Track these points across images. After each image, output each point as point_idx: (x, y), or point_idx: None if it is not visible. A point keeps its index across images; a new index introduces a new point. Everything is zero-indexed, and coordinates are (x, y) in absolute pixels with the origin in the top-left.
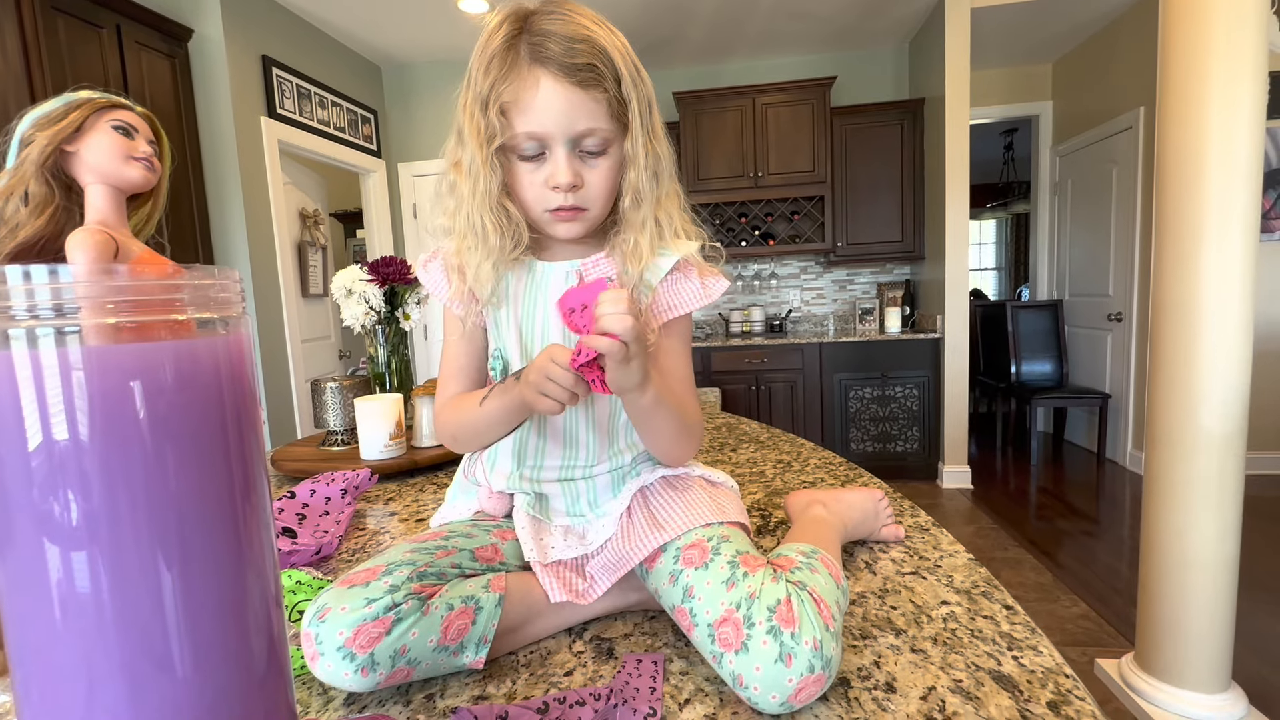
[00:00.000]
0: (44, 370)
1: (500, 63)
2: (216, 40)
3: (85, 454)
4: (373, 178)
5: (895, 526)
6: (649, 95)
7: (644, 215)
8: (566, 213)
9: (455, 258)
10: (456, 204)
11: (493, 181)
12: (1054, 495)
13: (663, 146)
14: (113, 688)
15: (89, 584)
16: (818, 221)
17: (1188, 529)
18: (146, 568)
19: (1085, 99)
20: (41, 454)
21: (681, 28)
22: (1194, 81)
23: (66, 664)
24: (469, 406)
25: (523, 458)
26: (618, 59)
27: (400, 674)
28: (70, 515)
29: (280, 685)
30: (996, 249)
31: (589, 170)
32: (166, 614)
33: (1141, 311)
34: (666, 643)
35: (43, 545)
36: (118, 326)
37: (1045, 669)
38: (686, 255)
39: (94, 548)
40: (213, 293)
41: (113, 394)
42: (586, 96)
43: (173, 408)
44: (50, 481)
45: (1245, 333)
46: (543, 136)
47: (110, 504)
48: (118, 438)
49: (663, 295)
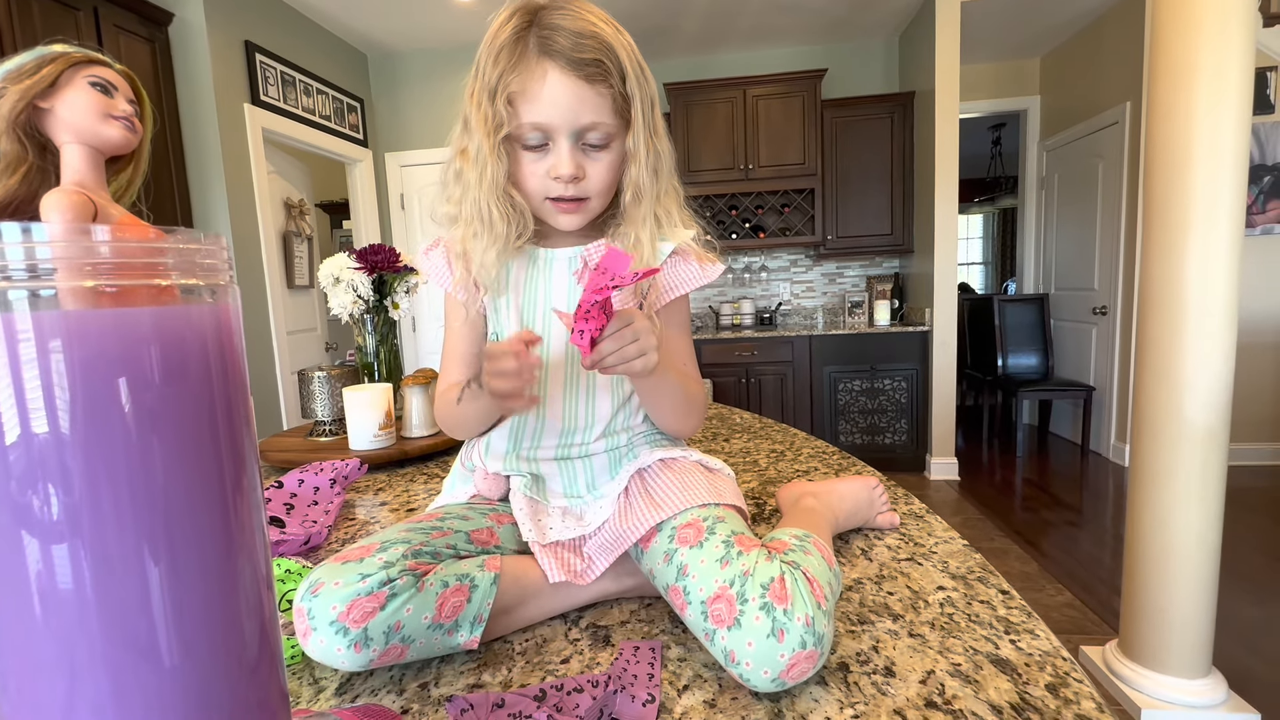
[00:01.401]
0: (17, 337)
1: (509, 54)
2: (198, 24)
3: (63, 425)
4: (359, 167)
5: (890, 514)
6: (652, 94)
7: (644, 211)
8: (568, 204)
9: (460, 245)
10: (463, 191)
11: (499, 170)
12: (1039, 486)
13: (663, 144)
14: (95, 681)
15: (69, 571)
16: (808, 214)
17: (1172, 518)
18: (129, 551)
19: (1072, 94)
20: (16, 430)
21: (675, 19)
22: (1182, 76)
23: (46, 658)
24: (452, 407)
25: (519, 438)
26: (623, 56)
27: (394, 652)
28: (48, 495)
29: (272, 672)
30: (983, 244)
31: (591, 163)
32: (152, 600)
33: (1126, 305)
34: (663, 629)
35: (14, 522)
36: (97, 290)
37: (1043, 652)
38: (683, 242)
39: (73, 528)
40: (199, 258)
41: (93, 362)
42: (592, 91)
43: (157, 379)
44: (23, 452)
45: (1230, 326)
46: (547, 127)
47: (90, 481)
48: (99, 409)
49: (662, 278)
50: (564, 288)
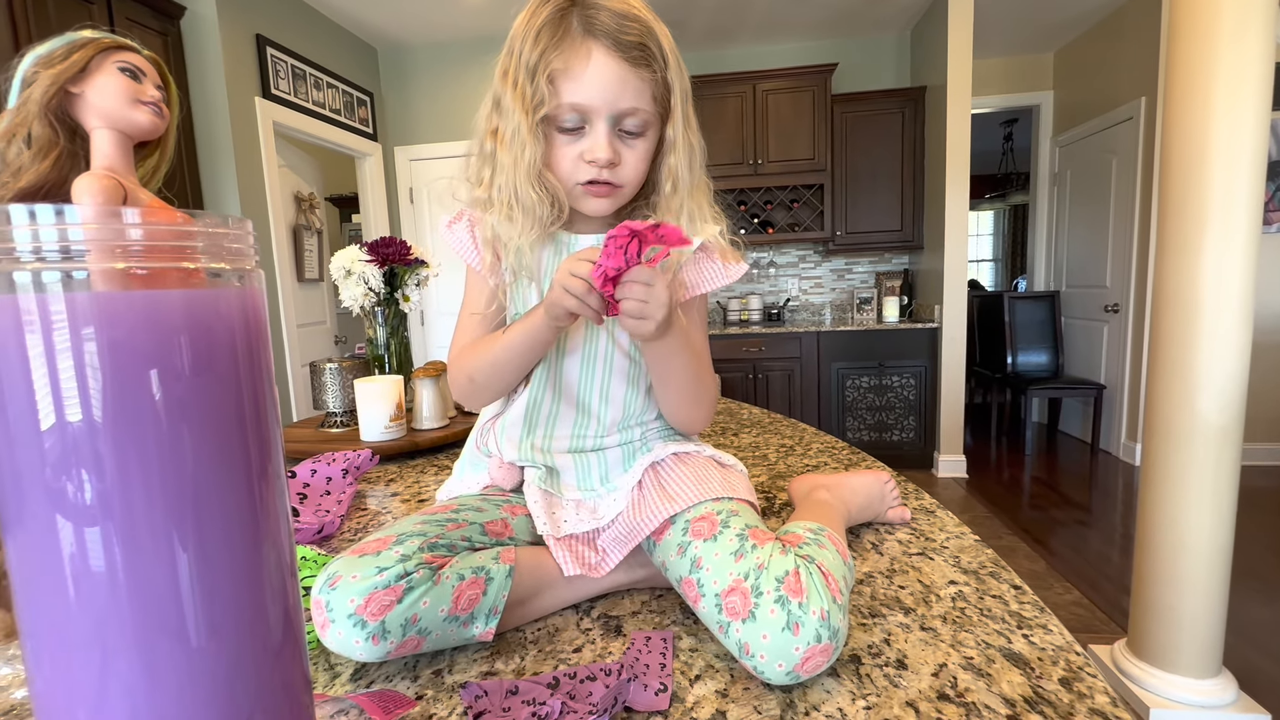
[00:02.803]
0: (50, 317)
1: (551, 32)
2: (210, 18)
3: (94, 405)
4: (369, 161)
5: (901, 509)
6: (687, 85)
7: (680, 202)
8: (600, 187)
9: (489, 229)
10: (494, 173)
11: (537, 151)
12: (1047, 485)
13: (696, 138)
14: (127, 660)
15: (101, 554)
16: (817, 210)
17: (1183, 517)
18: (159, 533)
19: (1086, 89)
20: (47, 411)
21: (686, 13)
22: (1200, 71)
23: (79, 636)
24: (487, 344)
25: (534, 424)
26: (665, 44)
27: (410, 644)
28: (80, 478)
29: (296, 655)
30: (994, 240)
31: (626, 149)
32: (181, 583)
33: (1139, 302)
34: (675, 620)
35: (49, 504)
36: (128, 272)
37: (1056, 647)
38: (709, 238)
39: (105, 512)
40: (227, 242)
41: (123, 344)
42: (635, 74)
43: (188, 362)
44: (57, 435)
45: (1245, 323)
46: (586, 109)
47: (121, 464)
48: (129, 390)
49: (686, 274)
50: None
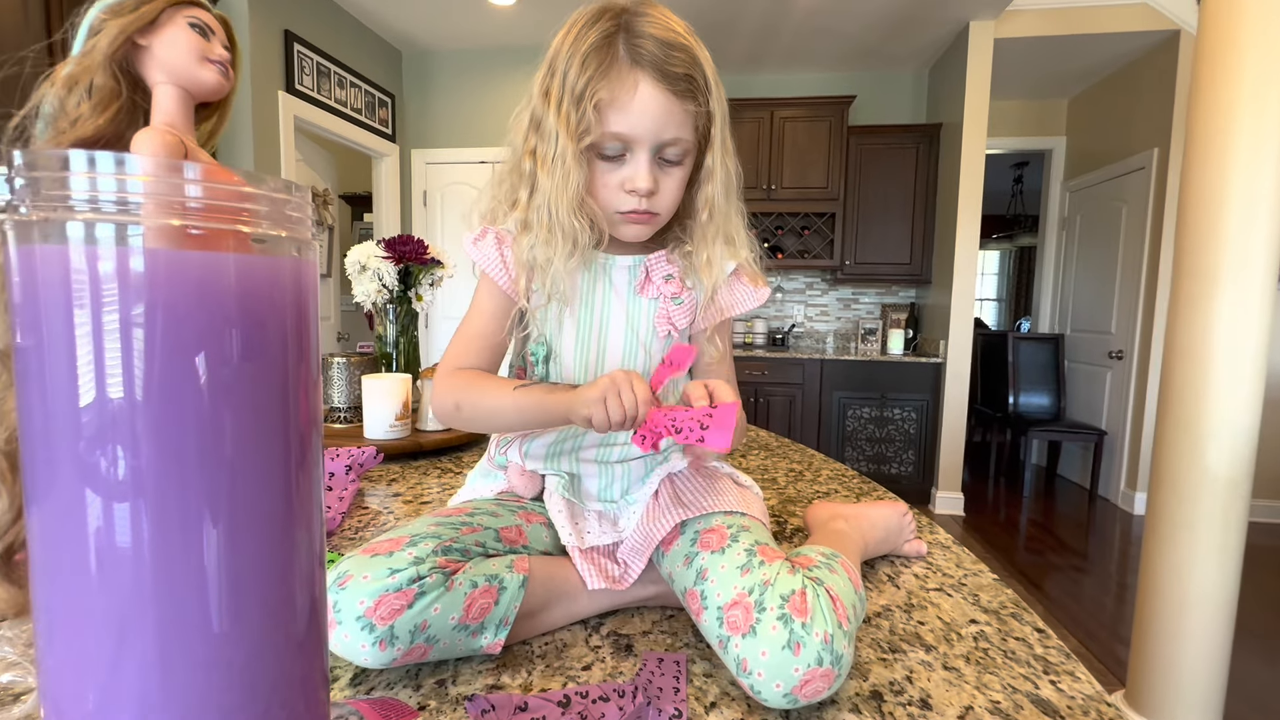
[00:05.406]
0: (100, 272)
1: (597, 59)
2: (241, 10)
3: (135, 372)
4: (385, 162)
5: (918, 542)
6: (726, 111)
7: (717, 229)
8: (640, 215)
9: (526, 252)
10: (532, 195)
11: (580, 178)
12: (1045, 528)
13: (734, 163)
14: (144, 640)
15: (129, 528)
16: (827, 238)
17: (1188, 570)
18: (190, 513)
19: (1099, 137)
20: (87, 379)
21: (727, 38)
22: (1220, 122)
23: (97, 614)
24: (494, 388)
25: (564, 432)
26: (709, 72)
27: (417, 651)
28: (115, 452)
29: (317, 648)
30: (998, 280)
31: (664, 177)
32: (208, 565)
33: (1143, 350)
34: (687, 643)
35: (79, 477)
36: (184, 230)
37: (1086, 696)
38: (742, 261)
39: (136, 489)
40: (288, 209)
41: (175, 305)
42: (680, 106)
43: (236, 330)
44: (96, 406)
45: (1258, 376)
46: (630, 139)
47: (160, 437)
48: (175, 355)
49: (721, 297)
50: (624, 294)
